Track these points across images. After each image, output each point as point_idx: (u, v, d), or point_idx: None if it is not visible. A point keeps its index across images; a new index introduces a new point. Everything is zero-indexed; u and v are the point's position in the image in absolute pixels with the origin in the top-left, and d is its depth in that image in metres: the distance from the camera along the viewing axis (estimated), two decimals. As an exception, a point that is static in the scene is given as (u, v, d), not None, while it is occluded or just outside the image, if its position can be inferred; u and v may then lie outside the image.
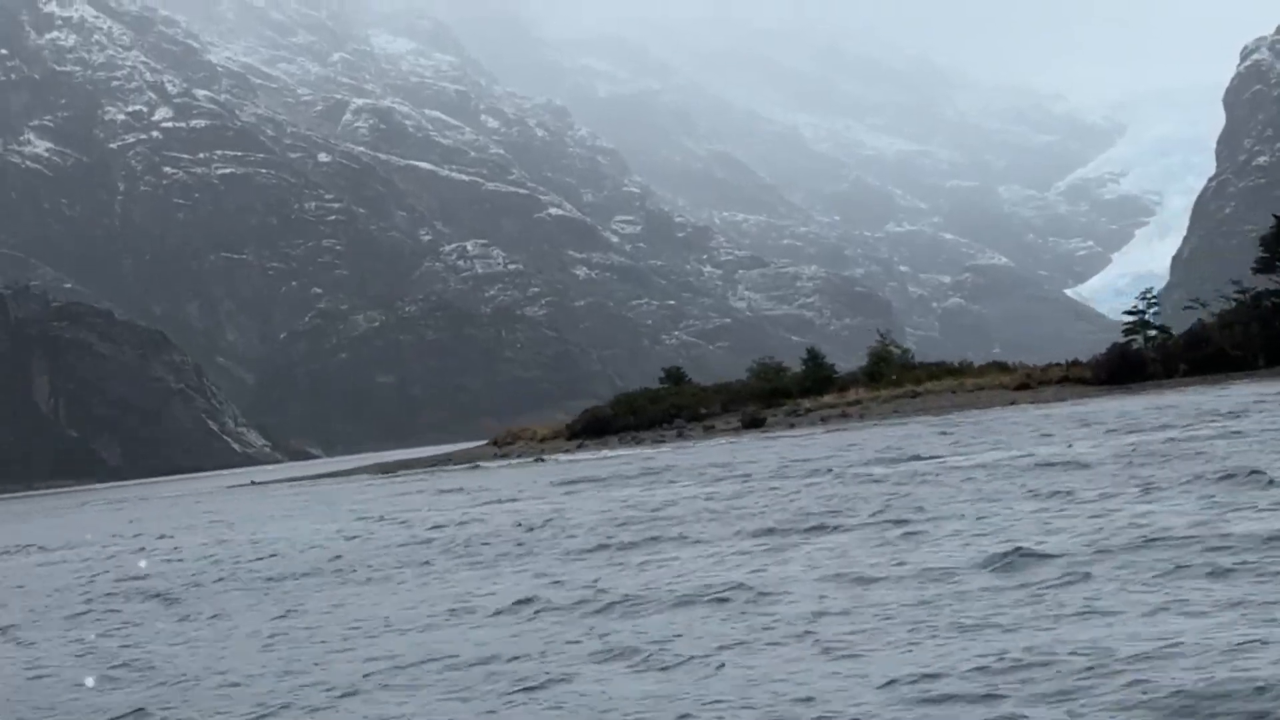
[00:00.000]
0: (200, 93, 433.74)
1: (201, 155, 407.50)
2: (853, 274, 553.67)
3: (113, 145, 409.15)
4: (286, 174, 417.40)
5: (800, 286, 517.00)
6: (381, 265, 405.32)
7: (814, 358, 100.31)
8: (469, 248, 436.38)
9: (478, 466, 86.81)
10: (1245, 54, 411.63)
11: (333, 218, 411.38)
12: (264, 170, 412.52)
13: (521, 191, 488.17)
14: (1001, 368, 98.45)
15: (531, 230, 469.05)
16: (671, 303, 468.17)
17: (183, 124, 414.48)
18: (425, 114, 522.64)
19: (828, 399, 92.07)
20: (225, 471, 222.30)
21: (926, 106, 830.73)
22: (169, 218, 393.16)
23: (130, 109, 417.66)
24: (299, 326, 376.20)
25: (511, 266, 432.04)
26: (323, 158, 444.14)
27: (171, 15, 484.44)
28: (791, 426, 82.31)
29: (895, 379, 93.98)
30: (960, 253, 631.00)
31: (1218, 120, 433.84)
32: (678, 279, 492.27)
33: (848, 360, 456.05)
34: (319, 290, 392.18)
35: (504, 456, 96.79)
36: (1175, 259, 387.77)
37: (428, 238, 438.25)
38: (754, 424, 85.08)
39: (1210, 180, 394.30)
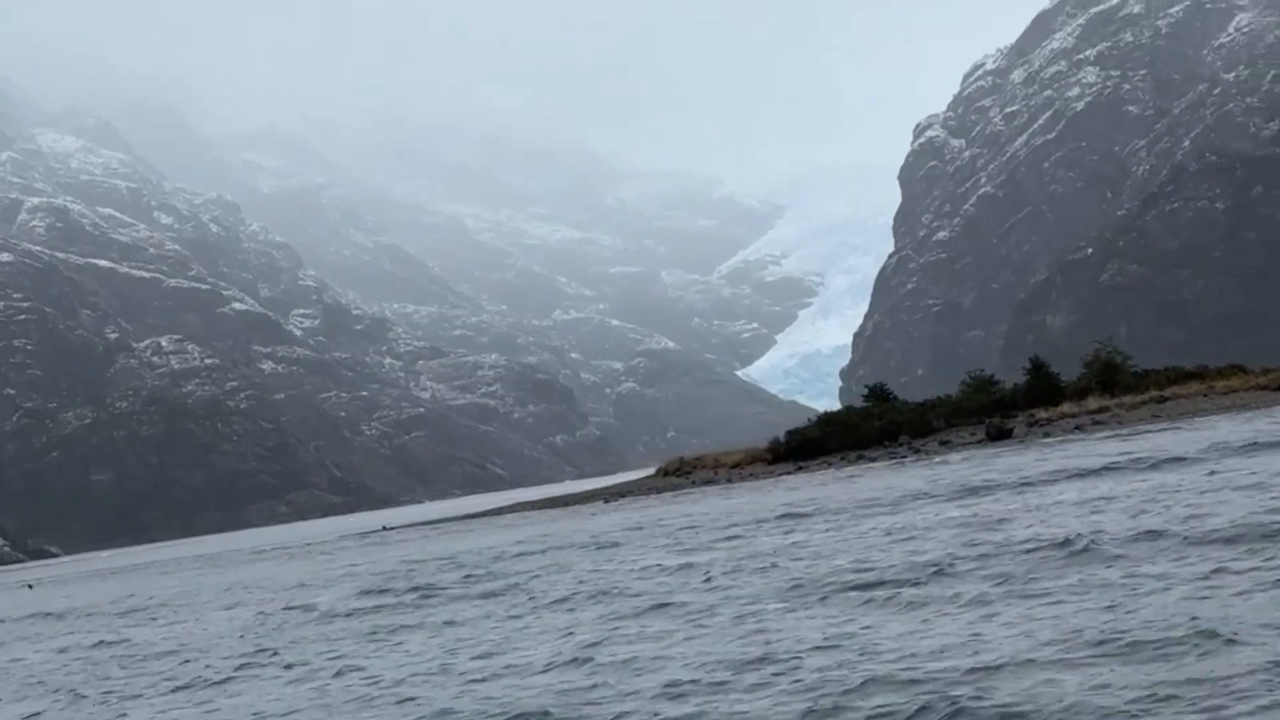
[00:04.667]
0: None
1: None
2: (528, 362, 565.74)
3: None
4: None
5: (481, 375, 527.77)
6: (75, 364, 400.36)
7: (1038, 368, 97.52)
8: (164, 344, 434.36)
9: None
10: (919, 131, 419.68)
11: (21, 317, 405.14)
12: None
13: (203, 287, 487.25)
14: (1242, 370, 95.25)
15: (216, 325, 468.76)
16: (363, 394, 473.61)
17: None
18: (100, 211, 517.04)
19: (1065, 408, 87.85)
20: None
21: (587, 194, 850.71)
22: None
23: None
24: (6, 427, 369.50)
25: (208, 361, 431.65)
26: (4, 257, 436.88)
27: None
28: (1046, 436, 76.94)
29: (1132, 385, 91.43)
30: (629, 339, 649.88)
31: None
32: (363, 371, 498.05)
33: (534, 448, 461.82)
34: (12, 391, 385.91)
35: (708, 484, 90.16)
36: (857, 335, 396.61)
37: (114, 335, 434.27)
38: (1000, 435, 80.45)
39: (890, 256, 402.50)
